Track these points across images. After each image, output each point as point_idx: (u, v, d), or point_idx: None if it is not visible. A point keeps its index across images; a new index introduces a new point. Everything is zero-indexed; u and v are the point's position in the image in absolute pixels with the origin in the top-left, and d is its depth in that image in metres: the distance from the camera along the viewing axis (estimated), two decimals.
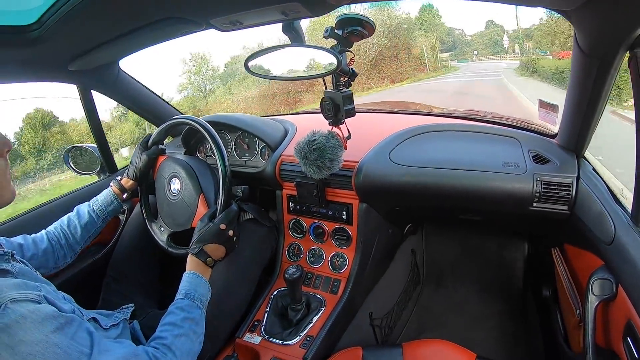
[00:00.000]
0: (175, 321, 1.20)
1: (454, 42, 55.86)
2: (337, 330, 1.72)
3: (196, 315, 1.26)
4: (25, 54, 1.46)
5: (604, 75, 1.15)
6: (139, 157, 1.74)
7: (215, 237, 1.44)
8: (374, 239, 1.89)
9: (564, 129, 1.55)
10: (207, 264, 1.42)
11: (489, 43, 55.65)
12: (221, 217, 1.48)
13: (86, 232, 1.57)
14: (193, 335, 1.21)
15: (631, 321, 1.06)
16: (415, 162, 1.67)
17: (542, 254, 2.14)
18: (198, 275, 1.37)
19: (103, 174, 2.22)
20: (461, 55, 53.62)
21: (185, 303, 1.27)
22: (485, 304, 2.50)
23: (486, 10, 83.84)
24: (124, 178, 1.72)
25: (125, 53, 1.79)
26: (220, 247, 1.45)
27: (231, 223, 1.48)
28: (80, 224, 1.56)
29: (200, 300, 1.31)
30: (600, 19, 0.97)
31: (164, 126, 1.76)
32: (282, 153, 1.93)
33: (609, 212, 1.25)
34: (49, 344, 0.87)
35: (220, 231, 1.45)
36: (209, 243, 1.43)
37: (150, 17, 1.24)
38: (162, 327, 1.20)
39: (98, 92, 2.00)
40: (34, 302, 0.92)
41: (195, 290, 1.32)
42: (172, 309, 1.25)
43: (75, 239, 1.54)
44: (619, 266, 1.17)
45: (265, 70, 1.48)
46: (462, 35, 58.76)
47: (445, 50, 54.93)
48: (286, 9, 1.13)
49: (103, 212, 1.62)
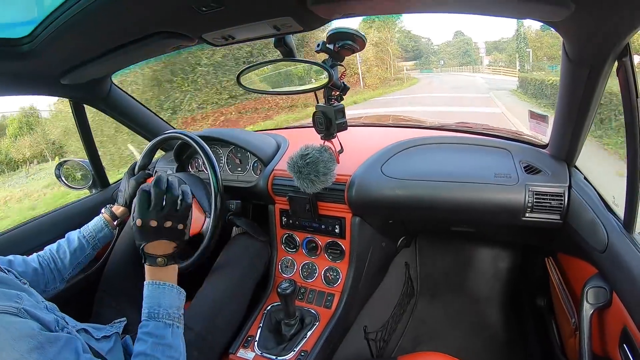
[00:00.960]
0: (146, 351, 1.10)
1: (419, 51, 54.86)
2: (332, 345, 1.70)
3: (167, 337, 1.14)
4: (17, 67, 1.46)
5: (593, 85, 1.17)
6: (127, 183, 1.73)
7: (142, 236, 1.22)
8: (367, 252, 1.88)
9: (554, 139, 1.57)
10: (159, 265, 1.22)
11: (457, 53, 53.38)
12: (135, 214, 1.24)
13: (75, 258, 1.52)
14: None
15: (627, 328, 1.07)
16: (407, 175, 1.67)
17: (535, 263, 2.14)
18: (158, 283, 1.21)
19: (95, 188, 2.20)
20: (426, 65, 52.27)
21: (150, 326, 1.14)
22: (480, 314, 2.50)
23: (456, 20, 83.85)
24: (115, 205, 1.70)
25: (117, 67, 1.79)
26: (157, 242, 1.23)
27: (149, 213, 1.21)
28: (69, 249, 1.51)
29: (167, 314, 1.17)
30: (587, 29, 0.99)
31: (149, 147, 1.77)
32: (275, 167, 1.93)
33: (601, 220, 1.26)
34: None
35: (138, 229, 1.21)
36: (142, 245, 1.22)
37: (143, 31, 1.24)
38: (136, 358, 1.09)
39: (90, 106, 2.00)
40: (10, 314, 0.87)
41: (159, 305, 1.18)
42: (140, 336, 1.13)
43: (64, 264, 1.48)
44: (613, 274, 1.17)
45: (257, 84, 1.48)
46: (429, 44, 57.60)
47: (409, 58, 53.59)
48: (278, 24, 1.14)
49: (93, 238, 1.58)
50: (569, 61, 1.17)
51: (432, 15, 8.01)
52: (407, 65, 49.27)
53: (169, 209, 1.23)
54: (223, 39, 1.28)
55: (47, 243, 1.74)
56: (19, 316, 0.89)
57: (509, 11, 1.05)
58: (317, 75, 1.41)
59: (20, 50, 1.34)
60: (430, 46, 57.71)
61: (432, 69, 51.05)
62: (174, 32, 1.23)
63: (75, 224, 1.90)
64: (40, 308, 1.00)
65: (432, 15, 1.91)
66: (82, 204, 2.09)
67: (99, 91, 1.94)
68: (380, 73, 29.99)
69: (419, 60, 53.72)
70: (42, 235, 1.83)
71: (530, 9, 0.96)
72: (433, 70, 50.95)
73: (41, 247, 1.70)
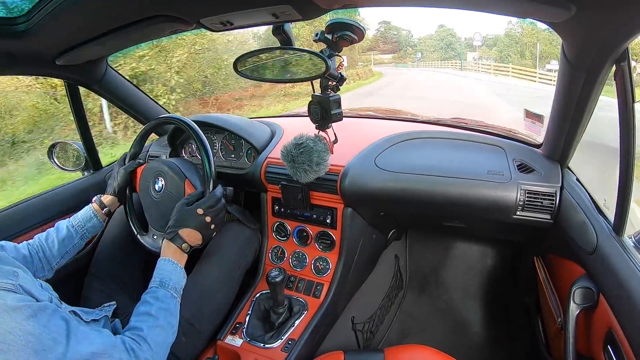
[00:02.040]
0: (151, 311, 1.20)
1: (398, 43, 51.97)
2: (319, 334, 1.71)
3: (171, 306, 1.25)
4: (12, 46, 1.45)
5: (589, 88, 1.17)
6: (117, 173, 1.73)
7: (191, 222, 1.42)
8: (357, 243, 1.89)
9: (548, 139, 1.57)
10: (182, 249, 1.39)
11: (439, 46, 49.98)
12: (199, 202, 1.46)
13: (63, 247, 1.53)
14: (168, 327, 1.21)
15: (612, 330, 1.08)
16: (400, 168, 1.67)
17: (525, 262, 2.16)
18: (173, 262, 1.36)
19: (87, 170, 2.19)
20: (403, 59, 49.38)
21: (160, 293, 1.26)
22: (467, 310, 2.52)
23: (442, 13, 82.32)
24: (104, 195, 1.70)
25: (113, 50, 1.78)
26: (196, 232, 1.42)
27: (210, 209, 1.45)
28: (57, 238, 1.52)
29: (175, 288, 1.30)
30: (587, 33, 0.99)
31: (140, 134, 1.77)
32: (268, 155, 1.92)
33: (591, 222, 1.27)
34: (22, 332, 0.87)
35: (196, 216, 1.43)
36: (183, 227, 1.41)
37: (140, 14, 1.23)
38: (138, 317, 1.19)
39: (85, 87, 1.98)
40: (8, 290, 0.92)
41: (170, 278, 1.31)
42: (147, 298, 1.24)
43: (52, 253, 1.50)
44: (600, 275, 1.18)
45: (254, 72, 1.48)
46: (409, 37, 54.50)
47: (388, 51, 51.12)
48: (277, 11, 1.13)
49: (82, 227, 1.58)
50: (567, 63, 1.17)
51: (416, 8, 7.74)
52: (386, 59, 46.26)
53: (221, 217, 1.49)
54: (221, 25, 1.27)
55: (40, 225, 1.74)
56: (16, 292, 0.94)
57: (510, 10, 1.04)
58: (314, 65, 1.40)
59: (16, 29, 1.33)
60: (410, 39, 54.77)
61: (408, 63, 47.93)
62: (172, 16, 1.22)
63: (67, 206, 1.91)
64: (36, 286, 1.05)
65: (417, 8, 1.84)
66: (74, 186, 2.08)
67: (95, 73, 1.93)
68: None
69: (397, 53, 51.14)
70: (34, 216, 1.82)
71: (531, 9, 0.96)
72: (408, 64, 47.59)
73: (33, 228, 1.69)
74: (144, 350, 1.09)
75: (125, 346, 1.06)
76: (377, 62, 47.33)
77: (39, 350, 0.88)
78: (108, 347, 1.02)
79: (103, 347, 1.00)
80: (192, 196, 1.50)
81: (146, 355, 1.09)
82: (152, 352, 1.11)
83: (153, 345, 1.12)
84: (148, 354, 1.09)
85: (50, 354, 0.89)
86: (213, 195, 1.49)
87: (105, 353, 1.00)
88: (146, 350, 1.10)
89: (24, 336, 0.87)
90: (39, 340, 0.89)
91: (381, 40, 50.94)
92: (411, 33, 56.28)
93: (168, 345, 1.21)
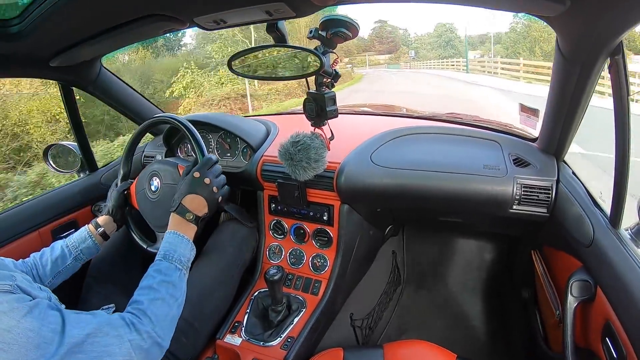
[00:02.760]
0: (152, 284, 1.19)
1: (395, 43, 49.63)
2: (318, 332, 1.72)
3: (174, 278, 1.24)
4: (5, 48, 1.44)
5: (584, 81, 1.18)
6: (111, 194, 1.73)
7: (191, 188, 1.41)
8: (354, 240, 1.89)
9: (544, 133, 1.58)
10: (187, 219, 1.38)
11: (437, 43, 46.91)
12: (195, 167, 1.46)
13: (55, 267, 1.49)
14: (170, 299, 1.19)
15: (610, 322, 1.08)
16: (396, 164, 1.68)
17: (521, 255, 2.16)
18: (178, 234, 1.34)
19: (83, 172, 2.19)
20: (397, 59, 46.67)
21: (163, 265, 1.25)
22: (465, 304, 2.52)
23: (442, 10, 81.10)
24: (100, 216, 1.67)
25: (107, 50, 1.78)
26: (198, 197, 1.41)
27: (208, 171, 1.45)
28: (51, 257, 1.49)
29: (180, 260, 1.29)
30: (581, 26, 0.99)
31: (127, 149, 1.78)
32: (264, 153, 1.92)
33: (587, 215, 1.27)
34: (21, 329, 0.88)
35: (194, 179, 1.42)
36: (185, 195, 1.40)
37: (134, 14, 1.23)
38: (139, 290, 1.19)
39: (79, 89, 1.98)
40: (6, 292, 0.93)
41: (175, 250, 1.30)
42: (150, 272, 1.24)
43: (45, 271, 1.47)
44: (597, 268, 1.19)
45: (249, 69, 1.48)
46: (406, 35, 51.90)
47: (384, 52, 48.89)
48: (271, 9, 1.13)
49: (76, 248, 1.55)
50: (562, 56, 1.17)
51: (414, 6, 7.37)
52: (382, 60, 43.71)
53: (219, 177, 1.49)
54: (215, 23, 1.27)
55: (37, 228, 1.74)
56: (13, 292, 0.94)
57: (503, 4, 1.05)
58: (308, 62, 1.41)
59: (10, 31, 1.33)
60: (407, 38, 52.29)
61: (399, 64, 45.30)
62: (166, 15, 1.22)
63: (64, 208, 1.91)
64: (34, 287, 1.05)
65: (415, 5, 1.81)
66: (70, 188, 2.07)
67: (89, 74, 1.93)
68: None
69: (394, 53, 48.75)
70: (30, 219, 1.82)
71: (526, 3, 0.97)
72: (400, 65, 44.70)
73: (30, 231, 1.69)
74: (145, 324, 1.08)
75: (124, 321, 1.05)
76: (372, 64, 45.87)
77: (40, 344, 0.89)
78: (103, 325, 1.01)
79: (97, 327, 1.00)
80: (187, 168, 1.49)
81: (147, 328, 1.08)
82: (153, 324, 1.10)
83: (154, 318, 1.11)
84: (149, 326, 1.09)
85: (50, 346, 0.90)
86: (207, 158, 1.49)
87: (100, 331, 1.00)
88: (147, 323, 1.09)
89: (23, 333, 0.87)
90: (39, 335, 0.89)
91: (377, 40, 49.77)
92: (408, 32, 53.98)
93: (173, 319, 1.19)
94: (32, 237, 1.73)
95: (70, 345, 0.93)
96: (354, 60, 43.27)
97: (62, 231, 1.94)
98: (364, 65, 44.64)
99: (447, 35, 48.05)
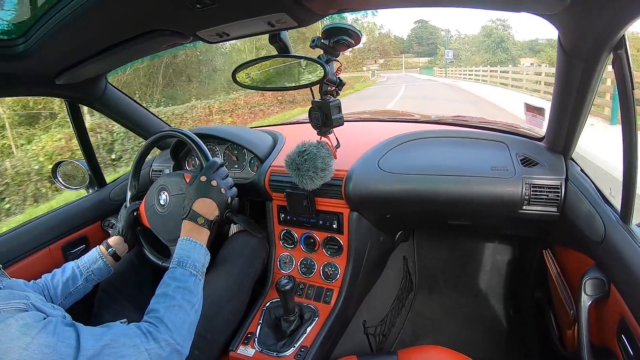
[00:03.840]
0: (167, 292, 1.19)
1: (434, 45, 46.55)
2: (331, 340, 1.71)
3: (189, 284, 1.24)
4: (11, 67, 1.45)
5: (588, 77, 1.17)
6: (121, 215, 1.75)
7: (199, 192, 1.43)
8: (365, 247, 1.88)
9: (550, 131, 1.57)
10: (199, 224, 1.39)
11: (484, 45, 40.49)
12: (201, 171, 1.48)
13: (66, 288, 1.50)
14: (187, 305, 1.19)
15: (625, 318, 1.07)
16: (404, 169, 1.68)
17: (533, 256, 2.15)
18: (191, 239, 1.35)
19: (92, 188, 2.20)
20: (433, 63, 40.42)
21: (177, 272, 1.26)
22: (478, 307, 2.51)
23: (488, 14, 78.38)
24: (112, 237, 1.68)
25: (112, 66, 1.79)
26: (208, 200, 1.43)
27: (214, 174, 1.47)
28: (62, 278, 1.50)
29: (194, 266, 1.29)
30: (583, 22, 0.99)
31: (133, 168, 1.81)
32: (271, 164, 1.93)
33: (598, 212, 1.27)
34: (37, 346, 0.88)
35: (201, 184, 1.44)
36: (194, 200, 1.42)
37: (137, 30, 1.24)
38: (155, 298, 1.19)
39: (86, 105, 1.99)
40: (20, 310, 0.93)
41: (188, 256, 1.30)
42: (165, 279, 1.24)
43: (56, 292, 1.48)
44: (610, 265, 1.18)
45: (253, 81, 1.48)
46: (447, 37, 48.27)
47: (423, 54, 45.98)
48: (272, 20, 1.13)
49: (87, 269, 1.56)
50: (565, 53, 1.17)
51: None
52: (420, 62, 39.48)
53: (226, 178, 1.52)
54: (217, 36, 1.28)
55: (47, 245, 1.75)
56: (28, 310, 0.95)
57: (505, 4, 1.05)
58: (312, 71, 1.41)
59: (15, 50, 1.34)
60: (449, 39, 47.33)
61: (434, 69, 39.41)
62: (169, 30, 1.22)
63: (73, 224, 1.91)
64: (47, 306, 1.05)
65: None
66: (79, 204, 2.08)
67: (95, 90, 1.93)
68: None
69: (434, 56, 44.64)
70: (41, 236, 1.82)
71: (525, 2, 0.97)
72: (434, 70, 38.44)
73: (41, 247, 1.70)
74: (162, 332, 1.08)
75: (141, 330, 1.05)
76: (410, 66, 43.55)
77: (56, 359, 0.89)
78: (118, 336, 1.01)
79: (113, 338, 1.00)
80: (194, 175, 1.51)
81: (164, 336, 1.08)
82: (171, 332, 1.10)
83: (171, 325, 1.11)
84: (166, 334, 1.08)
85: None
86: (212, 161, 1.52)
87: (117, 342, 1.00)
88: (164, 331, 1.09)
89: (39, 349, 0.87)
90: (55, 351, 0.89)
91: (415, 42, 47.79)
92: (450, 33, 50.05)
93: (191, 325, 1.19)
94: (42, 253, 1.74)
95: (86, 357, 0.93)
96: (389, 62, 41.29)
97: (72, 247, 1.94)
98: (399, 68, 42.36)
99: (497, 34, 41.91)
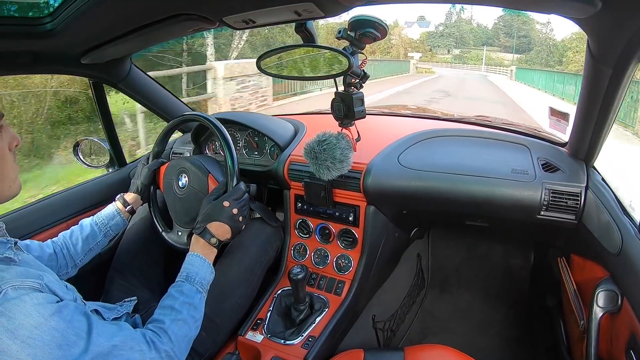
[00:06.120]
0: (174, 305, 1.22)
1: (529, 39, 40.86)
2: (340, 332, 1.71)
3: (196, 300, 1.27)
4: (38, 45, 1.47)
5: (616, 85, 1.15)
6: (141, 171, 1.77)
7: (219, 215, 1.45)
8: (380, 241, 1.88)
9: (574, 138, 1.55)
10: (211, 244, 1.41)
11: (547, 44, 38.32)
12: (225, 195, 1.49)
13: (87, 245, 1.56)
14: (191, 320, 1.22)
15: (635, 335, 1.06)
16: (424, 166, 1.67)
17: (548, 262, 2.13)
18: (201, 257, 1.37)
19: (112, 167, 2.23)
20: (527, 63, 37.62)
21: (185, 287, 1.28)
22: (489, 310, 2.50)
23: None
24: (128, 193, 1.73)
25: (137, 49, 1.80)
26: (225, 225, 1.45)
27: (236, 201, 1.48)
28: (81, 235, 1.56)
29: (201, 283, 1.32)
30: (613, 28, 0.97)
31: (163, 132, 1.80)
32: (291, 153, 1.93)
33: (616, 223, 1.25)
34: (47, 327, 0.89)
35: (223, 208, 1.46)
36: (212, 221, 1.44)
37: (164, 13, 1.24)
38: (161, 310, 1.22)
39: (110, 85, 2.01)
40: (34, 289, 0.94)
41: (197, 273, 1.33)
42: (172, 292, 1.27)
43: (76, 250, 1.53)
44: (625, 278, 1.16)
45: (277, 69, 1.48)
46: (547, 31, 42.84)
47: (509, 49, 40.40)
48: (299, 9, 1.13)
49: (105, 225, 1.61)
50: (593, 59, 1.15)
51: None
52: (506, 59, 35.65)
53: (247, 209, 1.53)
54: (244, 23, 1.27)
55: (65, 220, 1.77)
56: (42, 291, 0.96)
57: (534, 5, 1.03)
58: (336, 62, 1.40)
59: (42, 29, 1.35)
60: (549, 33, 42.87)
61: (470, 63, 37.18)
62: (195, 15, 1.22)
63: (92, 202, 1.94)
64: (61, 287, 1.07)
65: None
66: (99, 182, 2.11)
67: (119, 71, 1.95)
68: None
69: (526, 54, 40.81)
70: (60, 212, 1.85)
71: (556, 5, 0.95)
72: (470, 65, 36.47)
73: (59, 223, 1.72)
74: (164, 343, 1.11)
75: (145, 338, 1.07)
76: (492, 63, 38.06)
77: (63, 345, 0.90)
78: (128, 339, 1.03)
79: (123, 340, 1.02)
80: (217, 190, 1.53)
81: (166, 347, 1.10)
82: (172, 344, 1.13)
83: (174, 337, 1.14)
84: (168, 346, 1.11)
85: (73, 349, 0.91)
86: (237, 188, 1.53)
87: (125, 345, 1.02)
88: (166, 342, 1.11)
89: (49, 331, 0.89)
90: (63, 336, 0.91)
91: (503, 32, 42.26)
92: (551, 26, 44.55)
93: (190, 339, 1.23)
94: (60, 228, 1.75)
95: (96, 353, 0.95)
96: (466, 55, 38.20)
97: None
98: (477, 63, 38.26)
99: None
